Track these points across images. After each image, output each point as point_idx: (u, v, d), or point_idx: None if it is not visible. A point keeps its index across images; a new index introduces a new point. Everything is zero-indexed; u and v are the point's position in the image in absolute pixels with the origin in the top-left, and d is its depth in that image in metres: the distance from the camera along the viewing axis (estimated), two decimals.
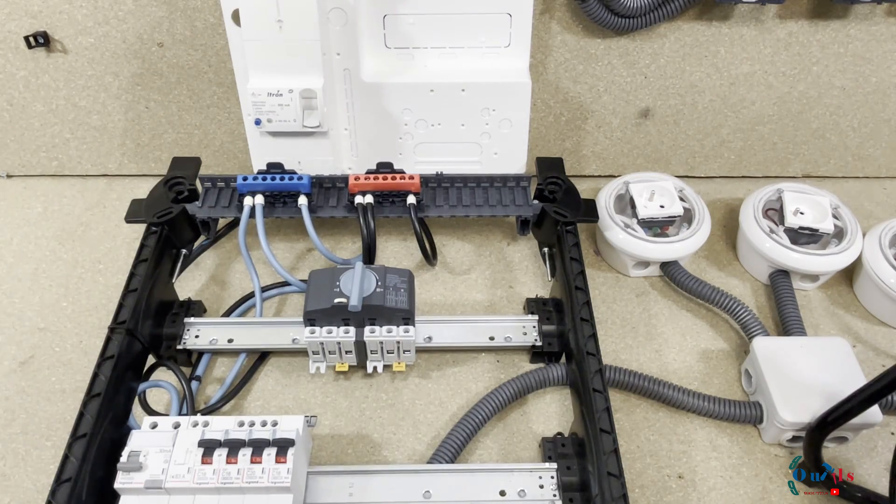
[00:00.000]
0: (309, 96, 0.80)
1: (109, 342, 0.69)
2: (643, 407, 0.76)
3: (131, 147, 1.01)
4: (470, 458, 0.72)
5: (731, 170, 1.04)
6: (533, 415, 0.75)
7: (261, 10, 0.76)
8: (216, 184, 0.85)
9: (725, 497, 0.69)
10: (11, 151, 1.01)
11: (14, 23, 0.89)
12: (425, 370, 0.79)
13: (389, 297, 0.72)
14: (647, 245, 0.85)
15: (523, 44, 0.85)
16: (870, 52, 0.92)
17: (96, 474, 0.61)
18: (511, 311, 0.85)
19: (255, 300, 0.84)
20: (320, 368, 0.76)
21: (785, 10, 0.88)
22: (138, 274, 0.75)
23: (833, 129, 1.00)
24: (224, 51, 0.90)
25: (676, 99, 0.96)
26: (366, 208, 0.81)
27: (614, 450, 0.62)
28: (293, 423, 0.62)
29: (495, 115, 0.87)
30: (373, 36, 0.84)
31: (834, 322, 0.86)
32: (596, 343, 0.70)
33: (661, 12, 0.86)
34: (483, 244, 0.94)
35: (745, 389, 0.78)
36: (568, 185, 0.86)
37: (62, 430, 0.73)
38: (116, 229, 0.94)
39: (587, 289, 0.75)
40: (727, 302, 0.82)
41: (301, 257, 0.92)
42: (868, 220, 0.95)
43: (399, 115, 0.87)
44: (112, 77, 0.94)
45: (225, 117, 0.98)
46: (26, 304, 0.86)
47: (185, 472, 0.58)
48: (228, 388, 0.77)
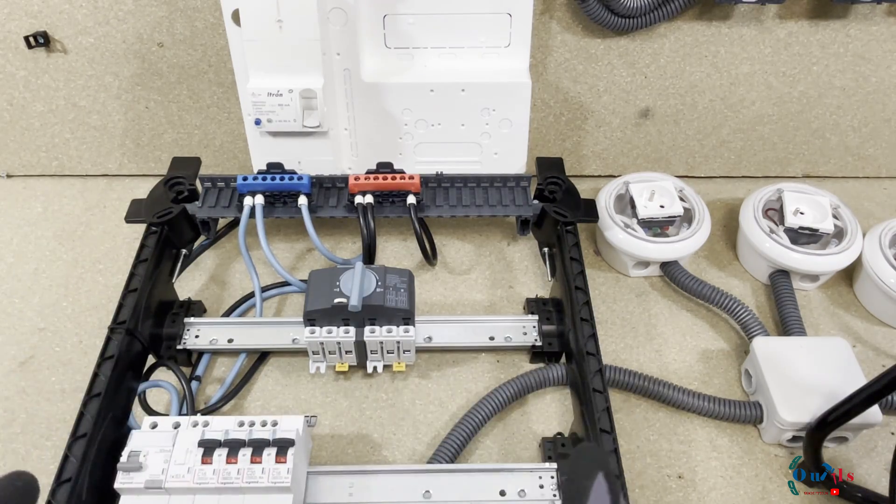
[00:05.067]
0: (309, 96, 0.80)
1: (109, 342, 0.69)
2: (643, 407, 0.76)
3: (131, 147, 1.01)
4: (470, 458, 0.71)
5: (731, 170, 1.04)
6: (533, 415, 0.75)
7: (261, 10, 0.76)
8: (216, 184, 0.85)
9: (725, 497, 0.69)
10: (11, 151, 1.01)
11: (14, 23, 0.89)
12: (425, 370, 0.79)
13: (389, 297, 0.72)
14: (647, 245, 0.85)
15: (523, 44, 0.85)
16: (870, 52, 0.92)
17: (96, 474, 0.60)
18: (511, 311, 0.85)
19: (255, 300, 0.84)
20: (320, 368, 0.76)
21: (785, 10, 0.88)
22: (138, 274, 0.75)
23: (833, 129, 1.00)
24: (224, 51, 0.90)
25: (676, 99, 0.96)
26: (366, 208, 0.81)
27: (614, 450, 0.62)
28: (293, 423, 0.62)
29: (495, 115, 0.87)
30: (373, 36, 0.84)
31: (834, 322, 0.86)
32: (596, 343, 0.70)
33: (661, 12, 0.86)
34: (483, 244, 0.94)
35: (745, 389, 0.78)
36: (568, 185, 0.86)
37: (62, 430, 0.73)
38: (116, 229, 0.94)
39: (587, 289, 0.75)
40: (727, 302, 0.82)
41: (301, 257, 0.92)
42: (868, 220, 0.95)
43: (399, 115, 0.87)
44: (112, 77, 0.94)
45: (225, 117, 0.98)
46: (26, 304, 0.86)
47: (185, 472, 0.58)
48: (228, 388, 0.77)
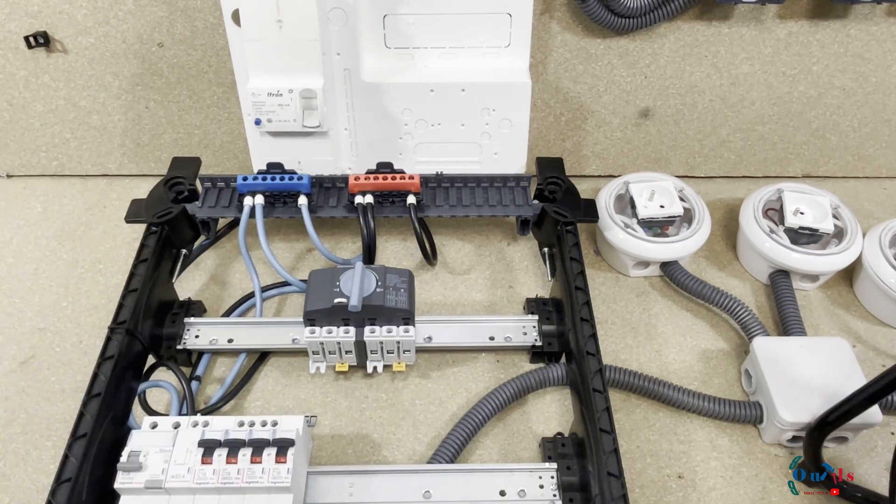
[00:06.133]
0: (309, 96, 0.80)
1: (109, 342, 0.69)
2: (643, 407, 0.76)
3: (131, 147, 1.01)
4: (470, 458, 0.71)
5: (731, 170, 1.04)
6: (533, 415, 0.75)
7: (261, 10, 0.76)
8: (216, 184, 0.85)
9: (725, 497, 0.69)
10: (11, 151, 1.01)
11: (14, 23, 0.89)
12: (425, 370, 0.79)
13: (389, 297, 0.72)
14: (647, 245, 0.85)
15: (523, 44, 0.85)
16: (870, 52, 0.92)
17: (96, 474, 0.60)
18: (511, 311, 0.85)
19: (255, 300, 0.84)
20: (320, 368, 0.76)
21: (785, 10, 0.88)
22: (138, 274, 0.75)
23: (833, 129, 1.00)
24: (224, 51, 0.90)
25: (676, 99, 0.96)
26: (366, 208, 0.81)
27: (614, 450, 0.62)
28: (293, 423, 0.62)
29: (495, 115, 0.87)
30: (373, 36, 0.84)
31: (834, 322, 0.86)
32: (596, 343, 0.70)
33: (661, 12, 0.86)
34: (483, 244, 0.94)
35: (745, 389, 0.78)
36: (568, 185, 0.86)
37: (62, 430, 0.73)
38: (116, 229, 0.94)
39: (587, 289, 0.75)
40: (727, 302, 0.82)
41: (301, 257, 0.92)
42: (868, 220, 0.95)
43: (399, 115, 0.87)
44: (112, 77, 0.94)
45: (225, 117, 0.98)
46: (26, 304, 0.86)
47: (185, 472, 0.58)
48: (228, 388, 0.77)
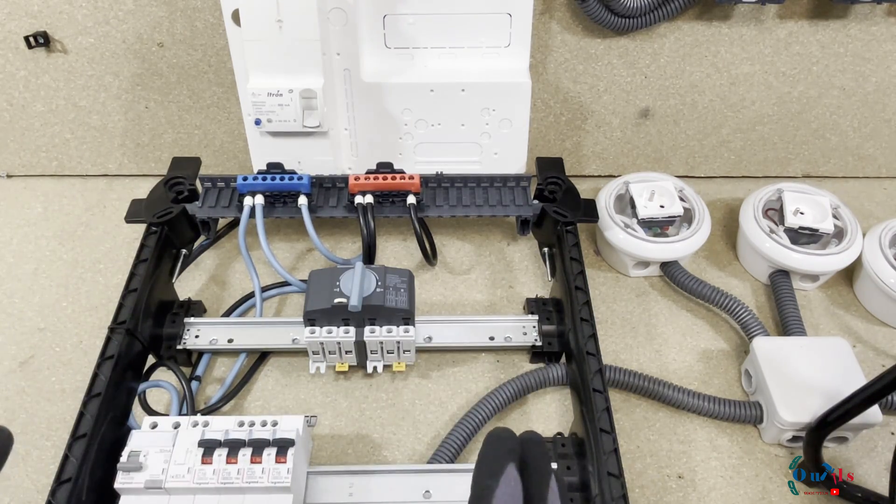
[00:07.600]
0: (309, 96, 0.80)
1: (109, 342, 0.69)
2: (643, 407, 0.76)
3: (131, 147, 1.01)
4: (470, 458, 0.71)
5: (731, 170, 1.04)
6: (533, 415, 0.75)
7: (261, 10, 0.76)
8: (216, 184, 0.85)
9: (725, 497, 0.69)
10: (11, 151, 1.01)
11: (14, 23, 0.89)
12: (425, 370, 0.79)
13: (389, 297, 0.72)
14: (647, 245, 0.85)
15: (523, 44, 0.85)
16: (870, 52, 0.92)
17: (96, 474, 0.60)
18: (511, 311, 0.85)
19: (255, 300, 0.84)
20: (320, 368, 0.76)
21: (785, 10, 0.88)
22: (138, 274, 0.75)
23: (833, 129, 1.00)
24: (224, 51, 0.90)
25: (676, 99, 0.96)
26: (366, 208, 0.81)
27: (614, 450, 0.62)
28: (293, 423, 0.62)
29: (495, 115, 0.87)
30: (373, 36, 0.84)
31: (834, 322, 0.86)
32: (596, 343, 0.70)
33: (661, 12, 0.86)
34: (483, 244, 0.94)
35: (745, 389, 0.78)
36: (568, 185, 0.86)
37: (62, 430, 0.73)
38: (116, 229, 0.94)
39: (587, 289, 0.75)
40: (727, 302, 0.82)
41: (301, 257, 0.92)
42: (868, 220, 0.95)
43: (399, 115, 0.87)
44: (112, 77, 0.94)
45: (225, 117, 0.98)
46: (26, 304, 0.86)
47: (185, 472, 0.58)
48: (228, 388, 0.77)
